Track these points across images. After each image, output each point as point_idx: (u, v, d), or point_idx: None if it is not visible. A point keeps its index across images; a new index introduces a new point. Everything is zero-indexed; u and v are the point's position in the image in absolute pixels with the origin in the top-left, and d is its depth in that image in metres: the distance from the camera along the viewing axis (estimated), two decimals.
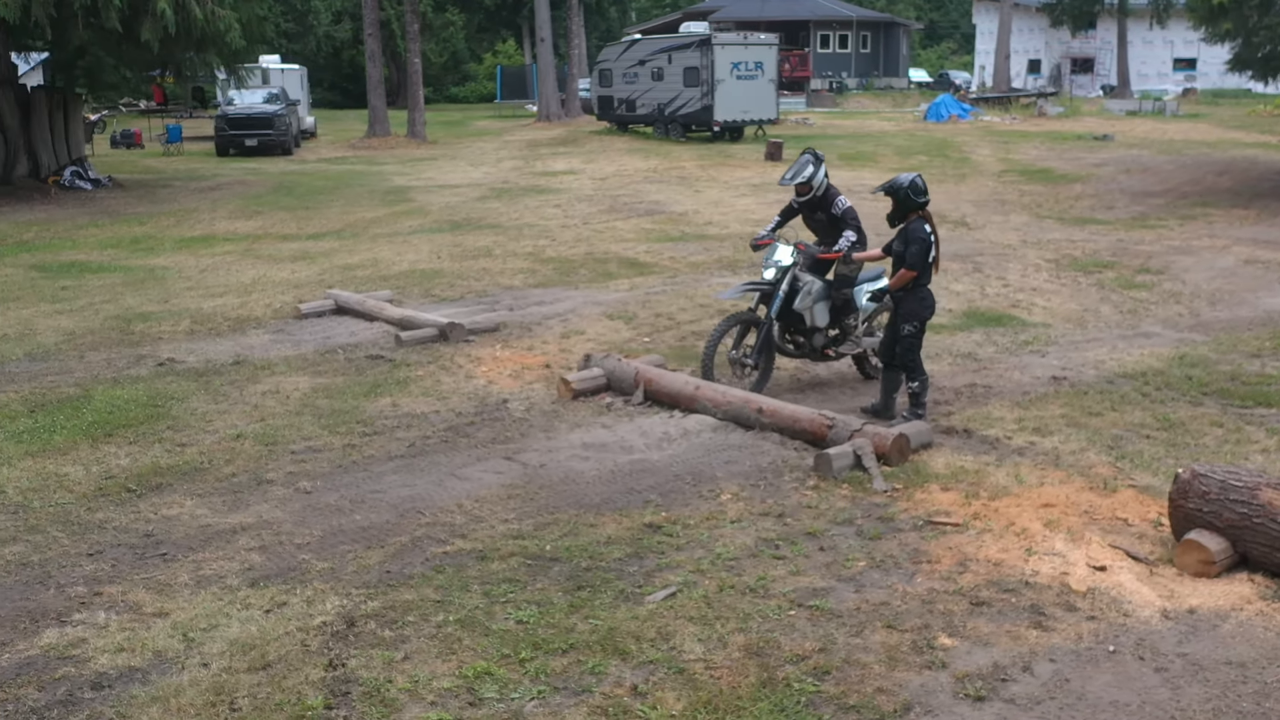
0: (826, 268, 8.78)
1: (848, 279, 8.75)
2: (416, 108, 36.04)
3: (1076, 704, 4.35)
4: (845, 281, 8.74)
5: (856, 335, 8.86)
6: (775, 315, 8.50)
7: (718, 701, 4.29)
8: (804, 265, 8.69)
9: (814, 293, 8.55)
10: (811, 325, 8.60)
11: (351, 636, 4.74)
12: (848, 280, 8.74)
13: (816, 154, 8.70)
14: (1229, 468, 5.72)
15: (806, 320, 8.57)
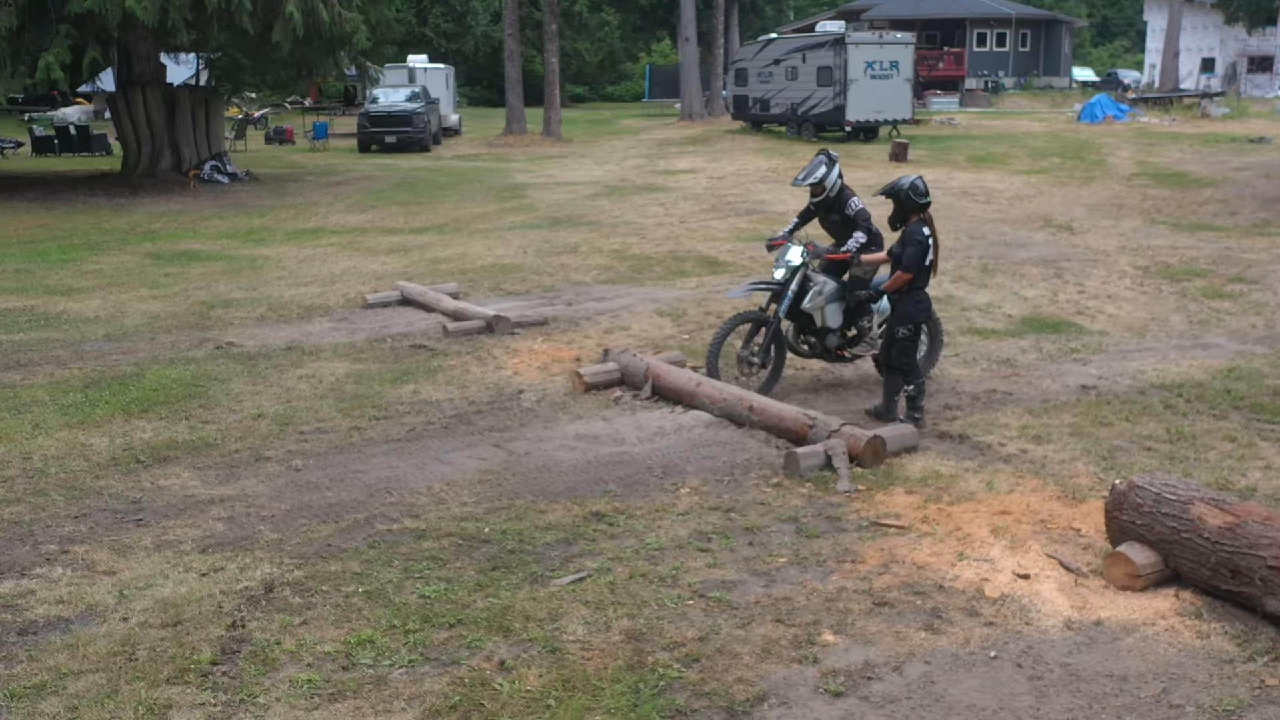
0: (843, 269, 8.79)
1: (861, 281, 8.74)
2: (553, 106, 36.78)
3: (931, 705, 4.38)
4: (859, 283, 8.74)
5: (872, 337, 8.85)
6: (785, 315, 8.57)
7: (576, 680, 4.48)
8: (821, 266, 8.73)
9: (825, 293, 8.58)
10: (823, 326, 8.63)
11: (264, 601, 5.10)
12: (861, 282, 8.74)
13: (830, 155, 8.73)
14: (1168, 480, 5.59)
15: (816, 321, 8.60)
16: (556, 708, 4.28)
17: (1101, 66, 79.11)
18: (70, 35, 19.78)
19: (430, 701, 4.31)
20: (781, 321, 8.59)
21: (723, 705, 4.37)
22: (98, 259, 15.27)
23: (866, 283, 8.79)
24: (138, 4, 18.95)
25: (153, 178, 23.26)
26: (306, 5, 20.81)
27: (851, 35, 34.10)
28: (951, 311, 11.65)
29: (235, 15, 20.09)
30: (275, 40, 20.91)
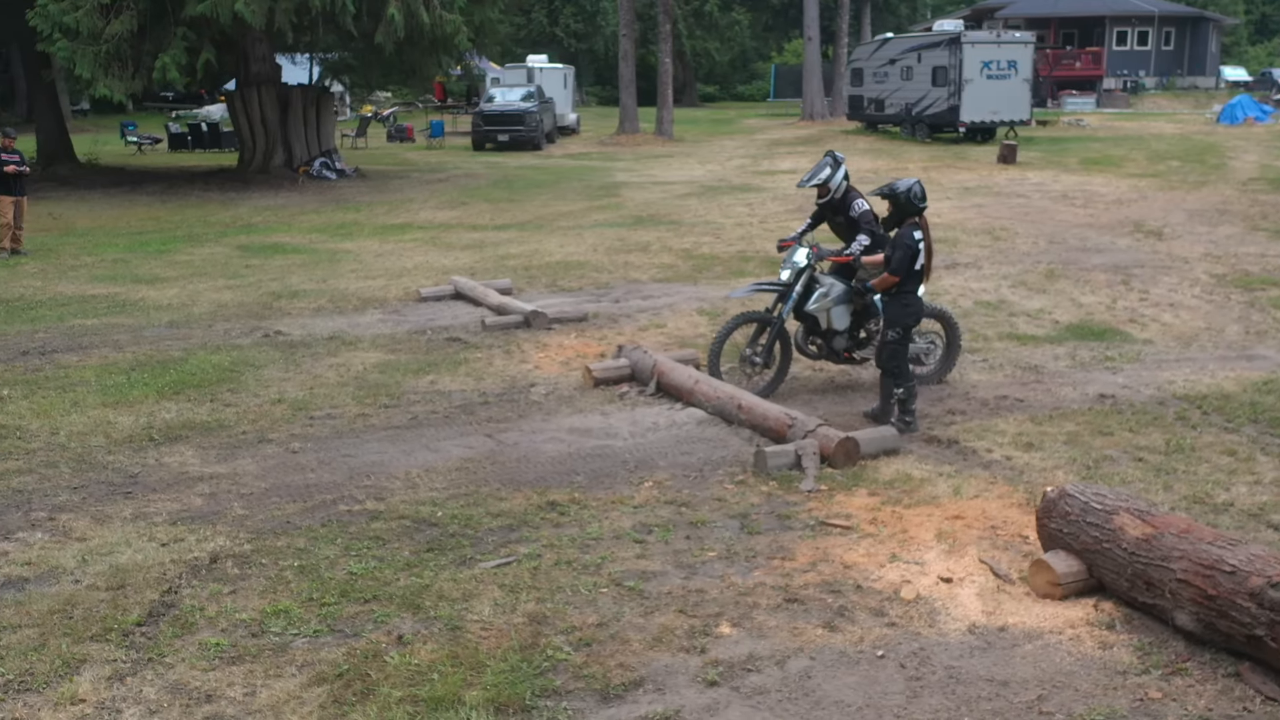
0: (852, 272, 8.81)
1: (869, 285, 8.75)
2: (665, 106, 37.05)
3: (799, 699, 4.47)
4: (868, 286, 8.74)
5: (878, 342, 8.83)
6: (791, 316, 8.63)
7: (465, 657, 4.70)
8: (830, 269, 8.77)
9: (832, 295, 8.61)
10: (828, 328, 8.66)
11: (205, 571, 5.46)
12: (869, 285, 8.74)
13: (835, 156, 8.76)
14: (1098, 489, 5.53)
15: (822, 323, 8.64)
16: (436, 681, 4.51)
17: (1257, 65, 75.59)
18: (186, 38, 20.82)
19: (319, 669, 4.58)
20: (785, 322, 8.66)
21: (598, 688, 4.53)
22: (191, 250, 16.11)
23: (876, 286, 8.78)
24: (245, 7, 19.86)
25: (265, 174, 24.31)
26: (408, 8, 21.48)
27: (968, 35, 33.49)
28: (998, 317, 11.50)
29: (339, 18, 20.88)
30: (378, 41, 21.64)
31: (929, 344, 9.11)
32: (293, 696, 4.40)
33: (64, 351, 10.01)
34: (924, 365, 9.16)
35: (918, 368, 9.13)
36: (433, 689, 4.46)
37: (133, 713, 4.27)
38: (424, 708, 4.34)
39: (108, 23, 20.39)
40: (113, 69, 20.62)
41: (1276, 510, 6.39)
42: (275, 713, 4.29)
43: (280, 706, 4.33)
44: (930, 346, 9.12)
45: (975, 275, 13.66)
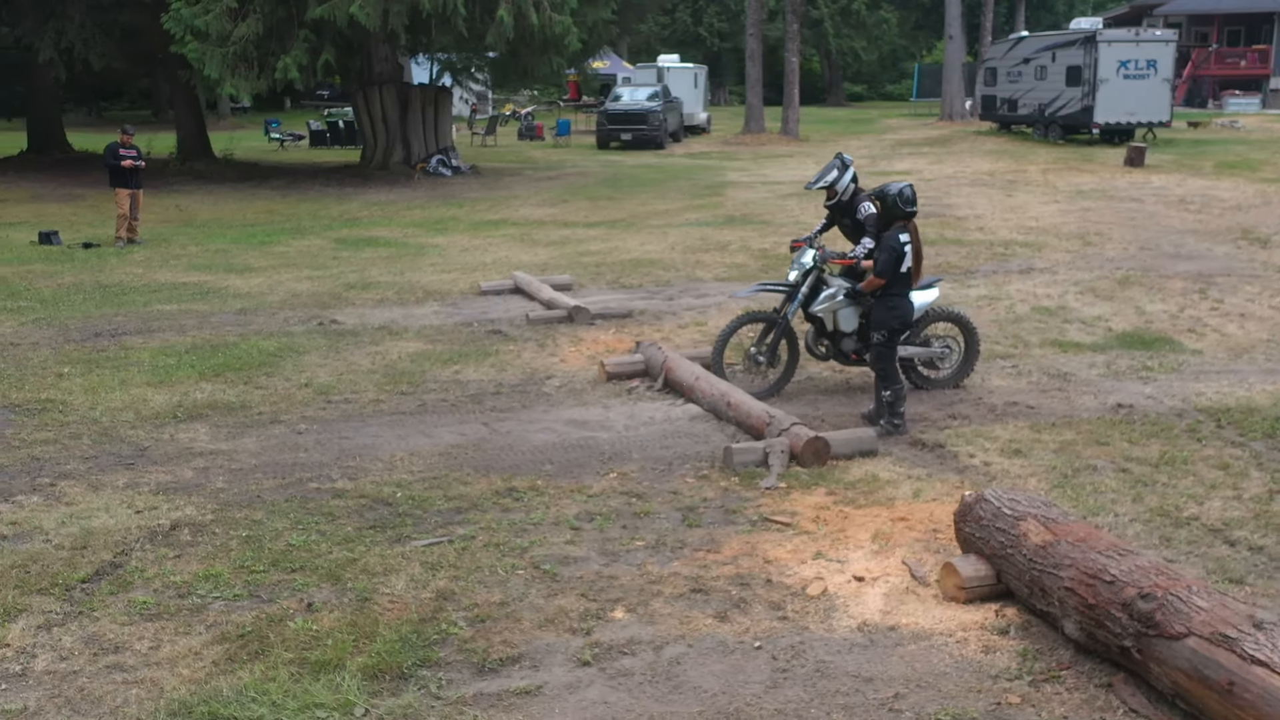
0: (862, 275, 8.82)
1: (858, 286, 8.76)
2: (790, 106, 36.93)
3: (660, 682, 4.63)
4: (856, 289, 8.76)
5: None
6: (794, 316, 8.71)
7: (363, 626, 5.01)
8: (840, 271, 8.80)
9: (839, 298, 8.65)
10: (834, 330, 8.70)
11: (161, 537, 5.91)
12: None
13: (844, 158, 8.78)
14: (1014, 493, 5.51)
15: (828, 324, 8.68)
16: (328, 646, 4.82)
17: None
18: (308, 39, 21.82)
19: (225, 630, 4.95)
20: (790, 323, 8.73)
21: (476, 661, 4.78)
22: (291, 242, 16.94)
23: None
24: (360, 10, 20.71)
25: (385, 170, 25.26)
26: (518, 9, 22.02)
27: (1104, 33, 32.40)
28: (1050, 323, 11.29)
29: (451, 20, 21.55)
30: (488, 43, 22.27)
31: (944, 348, 9.06)
32: (192, 652, 4.77)
33: (133, 334, 10.74)
34: (938, 370, 9.11)
35: (932, 372, 9.09)
36: (322, 654, 4.77)
37: (45, 658, 4.71)
38: (306, 670, 4.65)
39: (235, 25, 21.50)
40: (239, 69, 21.74)
41: (1242, 526, 6.22)
42: (171, 665, 4.67)
43: (177, 660, 4.71)
44: (945, 351, 9.06)
45: (1046, 280, 13.38)
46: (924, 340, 9.02)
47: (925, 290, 8.90)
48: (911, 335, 8.95)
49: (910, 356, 8.95)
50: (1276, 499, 6.62)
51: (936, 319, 9.02)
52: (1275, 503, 6.57)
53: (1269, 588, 5.50)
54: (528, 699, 4.50)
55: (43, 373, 9.31)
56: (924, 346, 9.00)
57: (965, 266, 14.43)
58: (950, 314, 9.14)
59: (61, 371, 9.37)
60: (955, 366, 9.12)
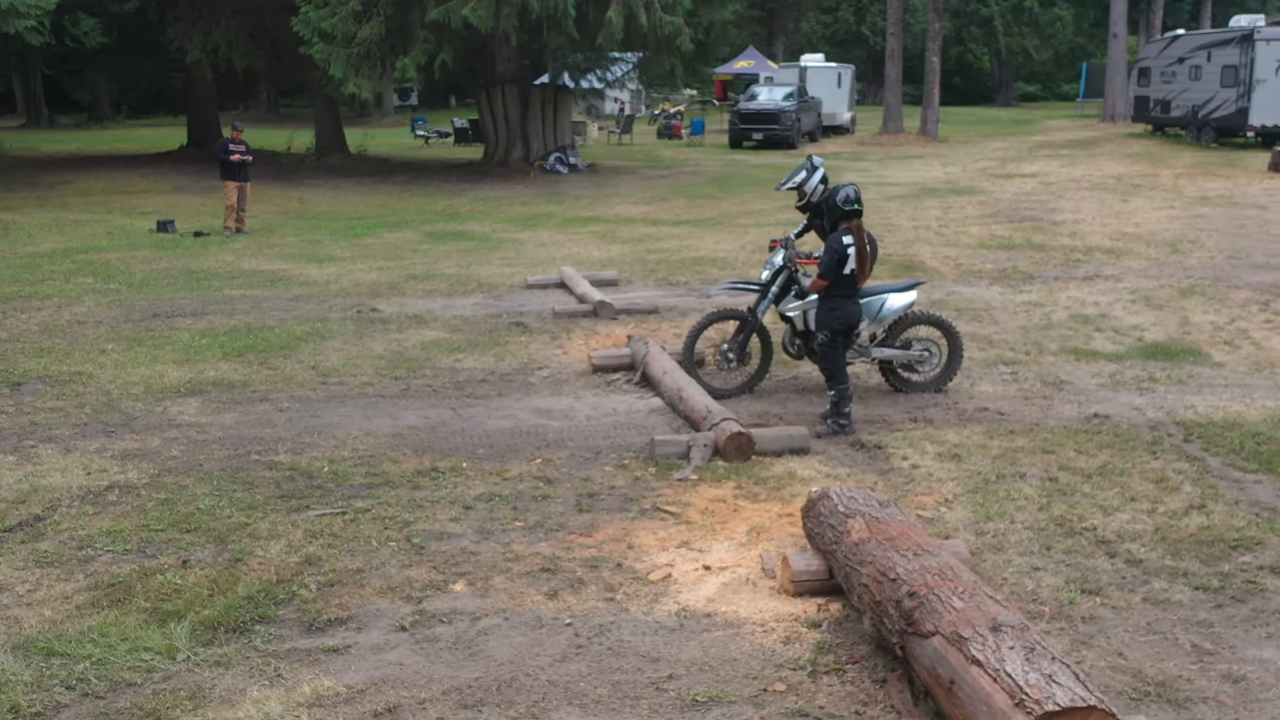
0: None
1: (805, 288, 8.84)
2: (929, 106, 36.30)
3: (459, 649, 4.94)
4: (802, 290, 8.84)
5: (861, 345, 8.85)
6: (764, 314, 8.84)
7: (223, 582, 5.47)
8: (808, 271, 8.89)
9: (810, 297, 8.73)
10: (804, 329, 8.79)
11: (92, 496, 6.52)
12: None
13: (812, 160, 8.85)
14: (856, 492, 5.59)
15: (798, 323, 8.78)
16: (183, 599, 5.30)
17: None
18: (428, 40, 22.75)
19: (100, 578, 5.49)
20: (761, 320, 8.86)
21: (307, 621, 5.19)
22: (383, 235, 17.78)
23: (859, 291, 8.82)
24: (473, 12, 21.50)
25: (504, 166, 26.08)
26: (628, 10, 22.46)
27: (1262, 31, 30.74)
28: (1081, 331, 11.06)
29: (561, 21, 22.15)
30: (598, 44, 22.77)
31: (924, 351, 9.03)
32: (63, 597, 5.32)
33: (186, 316, 11.59)
34: (918, 373, 9.08)
35: (912, 375, 9.07)
36: (174, 605, 5.25)
37: None
38: (154, 617, 5.14)
39: (359, 27, 22.59)
40: (362, 69, 22.84)
41: (1137, 539, 6.12)
42: (39, 606, 5.23)
43: (46, 602, 5.26)
44: (925, 354, 9.03)
45: (1105, 288, 13.02)
46: (904, 343, 9.01)
47: (902, 293, 8.90)
48: (890, 338, 8.96)
49: (889, 359, 8.96)
50: (1193, 514, 6.46)
51: (917, 322, 8.99)
52: (1190, 517, 6.41)
53: (1121, 600, 5.43)
54: (332, 656, 4.87)
55: (89, 349, 10.18)
56: (903, 349, 8.98)
57: (1029, 272, 14.14)
58: (932, 317, 9.09)
59: (105, 348, 10.23)
60: (937, 370, 9.07)
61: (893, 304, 8.80)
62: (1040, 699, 3.75)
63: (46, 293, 12.86)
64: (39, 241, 16.97)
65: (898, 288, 8.96)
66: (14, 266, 14.70)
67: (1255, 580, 5.64)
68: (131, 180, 25.15)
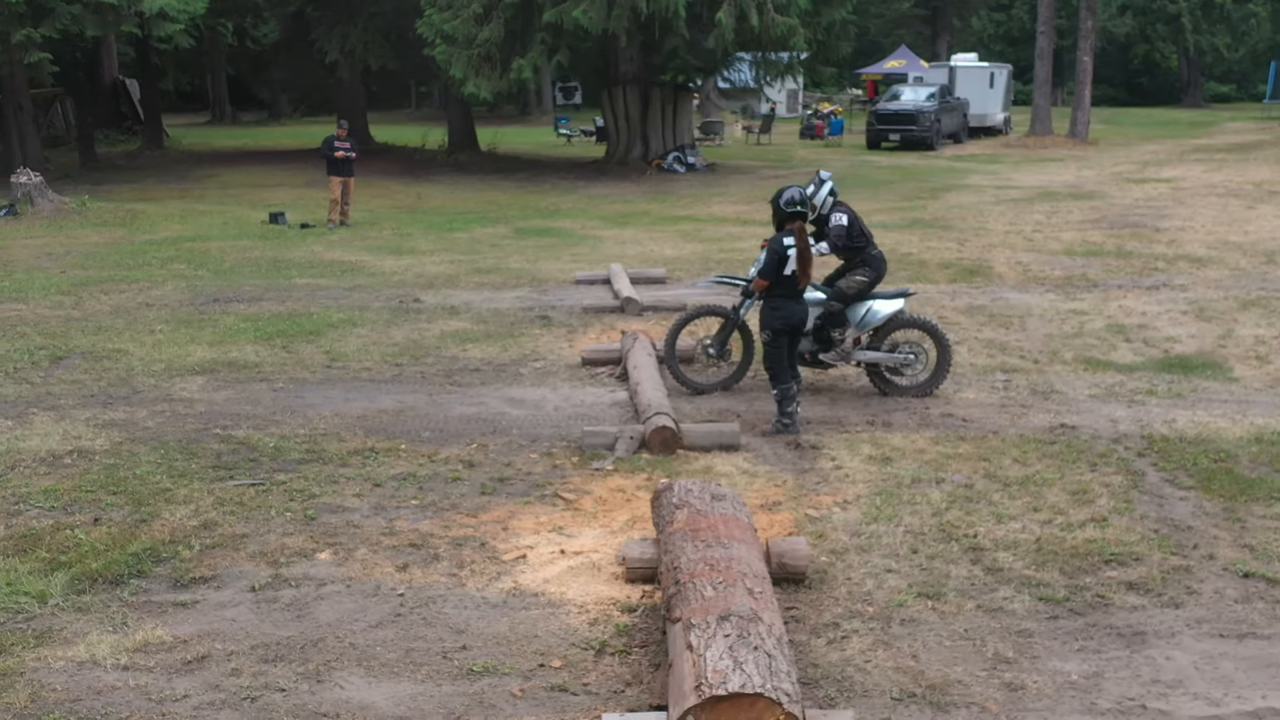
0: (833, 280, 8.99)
1: (841, 293, 8.87)
2: (1079, 107, 35.00)
3: (291, 609, 5.35)
4: (839, 294, 8.88)
5: (844, 348, 8.89)
6: (745, 313, 8.98)
7: (120, 541, 6.02)
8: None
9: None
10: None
11: (52, 459, 7.21)
12: (840, 294, 8.87)
13: (821, 175, 9.00)
14: (699, 484, 5.75)
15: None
16: (79, 551, 5.87)
17: None
18: (545, 41, 23.40)
19: (16, 530, 6.13)
20: (743, 318, 9.01)
21: (175, 578, 5.69)
22: (473, 230, 18.45)
23: (845, 295, 8.88)
24: (583, 14, 22.02)
25: (623, 165, 26.55)
26: (740, 11, 22.58)
27: None
28: (1109, 341, 10.78)
29: (671, 22, 22.46)
30: (709, 46, 22.98)
31: (909, 355, 9.01)
32: None
33: (243, 302, 12.41)
34: (904, 376, 9.06)
35: (898, 379, 9.06)
36: (69, 557, 5.83)
37: None
38: (47, 566, 5.73)
39: (480, 29, 23.41)
40: (482, 70, 23.65)
41: (1013, 548, 6.08)
42: None
43: None
44: (911, 358, 9.00)
45: (1163, 298, 12.57)
46: (890, 346, 9.00)
47: (890, 300, 8.92)
48: (875, 341, 8.97)
49: (874, 361, 8.97)
50: (1088, 527, 6.35)
51: (905, 326, 8.98)
52: (1082, 530, 6.31)
53: (954, 605, 5.45)
54: (179, 609, 5.35)
55: (140, 329, 11.06)
56: (888, 353, 8.98)
57: (1095, 279, 13.73)
58: (920, 321, 9.06)
59: (155, 329, 11.09)
60: (926, 375, 9.03)
61: (878, 311, 8.83)
62: (714, 683, 3.90)
63: (136, 277, 13.93)
64: (158, 230, 18.29)
65: (885, 295, 8.97)
66: (122, 252, 15.93)
67: (1105, 595, 5.55)
68: (272, 174, 26.66)
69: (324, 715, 4.47)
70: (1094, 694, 4.67)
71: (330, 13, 27.81)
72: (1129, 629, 5.23)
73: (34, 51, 21.93)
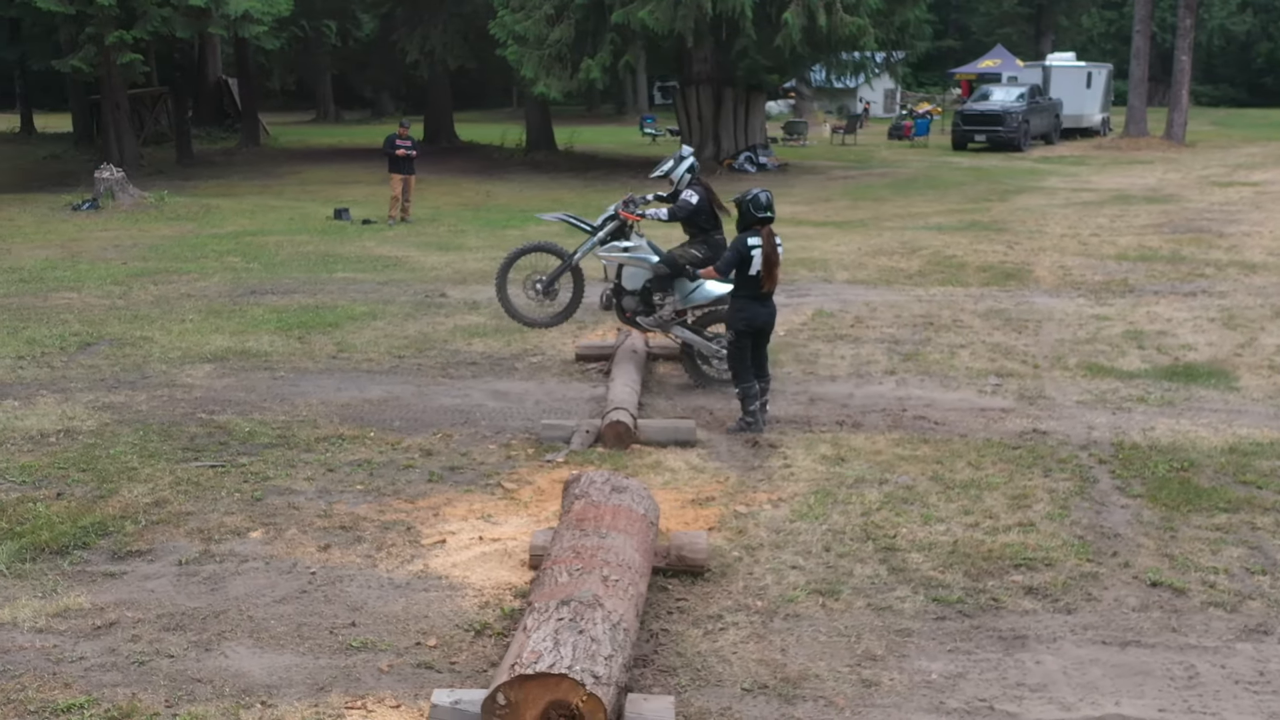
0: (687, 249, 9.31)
1: (672, 258, 9.11)
2: (1177, 108, 33.97)
3: (206, 583, 5.65)
4: (669, 259, 9.12)
5: (663, 315, 9.09)
6: (579, 256, 9.42)
7: (73, 515, 6.39)
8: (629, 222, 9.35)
9: (633, 254, 9.19)
10: (618, 283, 9.21)
11: (40, 437, 7.67)
12: (671, 259, 9.11)
13: (683, 150, 9.42)
14: (600, 475, 5.90)
15: (609, 273, 9.29)
16: (34, 522, 6.28)
17: None
18: (614, 42, 23.68)
19: None
20: (576, 262, 9.42)
21: (115, 550, 6.05)
22: (526, 227, 18.67)
23: (676, 264, 9.11)
24: (649, 15, 22.23)
25: None
26: (808, 10, 22.55)
27: None
28: (1121, 347, 10.63)
29: (738, 22, 22.53)
30: (777, 45, 22.99)
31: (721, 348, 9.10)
32: None
33: (276, 294, 12.90)
34: (710, 367, 9.26)
35: (705, 367, 9.33)
36: (25, 527, 6.24)
37: None
38: (2, 535, 6.14)
39: (551, 30, 23.78)
40: (553, 70, 24.03)
41: (925, 549, 6.10)
42: None
43: None
44: (721, 351, 9.09)
45: (1196, 304, 12.28)
46: (710, 336, 9.16)
47: (724, 284, 9.00)
48: (698, 324, 9.19)
49: (689, 343, 9.18)
50: (1013, 531, 6.33)
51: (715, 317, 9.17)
52: (1006, 534, 6.29)
53: (843, 603, 5.51)
54: (106, 579, 5.70)
55: (172, 318, 11.60)
56: (704, 339, 9.16)
57: (1135, 285, 13.47)
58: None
59: (187, 318, 11.62)
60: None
61: (708, 290, 9.02)
62: (527, 662, 4.06)
63: (188, 269, 14.57)
64: (225, 224, 19.04)
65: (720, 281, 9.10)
66: (185, 245, 16.64)
67: (1001, 599, 5.55)
68: (352, 172, 27.42)
69: (198, 680, 4.74)
70: (947, 694, 4.70)
71: (414, 13, 28.47)
72: (1011, 633, 5.23)
73: (126, 53, 22.91)
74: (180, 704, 4.55)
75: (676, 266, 9.06)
